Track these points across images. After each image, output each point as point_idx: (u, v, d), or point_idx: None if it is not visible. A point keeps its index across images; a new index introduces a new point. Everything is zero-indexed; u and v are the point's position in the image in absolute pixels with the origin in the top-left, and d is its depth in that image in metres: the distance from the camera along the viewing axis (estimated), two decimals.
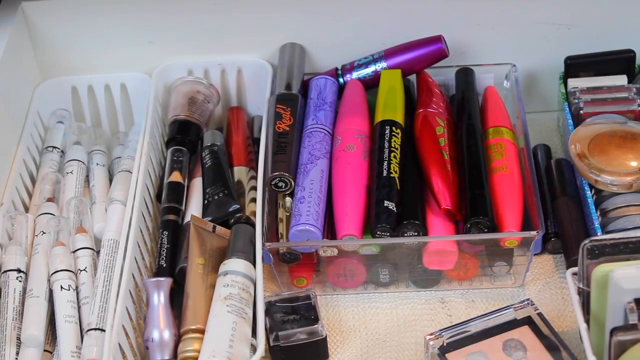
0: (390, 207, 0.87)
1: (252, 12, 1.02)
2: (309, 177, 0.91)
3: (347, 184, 0.90)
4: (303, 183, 0.90)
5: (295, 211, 0.89)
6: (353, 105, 0.97)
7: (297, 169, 0.92)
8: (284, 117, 0.94)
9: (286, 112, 0.95)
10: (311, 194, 0.89)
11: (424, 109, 0.95)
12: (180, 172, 0.95)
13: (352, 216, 0.88)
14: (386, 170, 0.90)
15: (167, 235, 0.91)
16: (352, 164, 0.91)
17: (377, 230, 0.87)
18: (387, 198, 0.88)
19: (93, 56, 1.05)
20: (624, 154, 0.89)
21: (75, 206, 0.94)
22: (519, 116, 0.95)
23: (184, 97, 1.01)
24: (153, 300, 0.84)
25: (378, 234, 0.87)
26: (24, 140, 1.00)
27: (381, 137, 0.92)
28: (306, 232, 0.87)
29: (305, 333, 0.84)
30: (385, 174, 0.89)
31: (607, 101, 0.96)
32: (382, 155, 0.91)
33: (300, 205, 0.89)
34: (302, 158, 0.93)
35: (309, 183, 0.90)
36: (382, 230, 0.87)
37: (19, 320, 0.85)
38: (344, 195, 0.89)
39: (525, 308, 0.83)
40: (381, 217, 0.87)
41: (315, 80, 1.00)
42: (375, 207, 0.88)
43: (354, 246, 0.87)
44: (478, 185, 0.89)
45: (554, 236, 0.93)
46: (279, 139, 0.92)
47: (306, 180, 0.90)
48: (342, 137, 0.94)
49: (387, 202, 0.87)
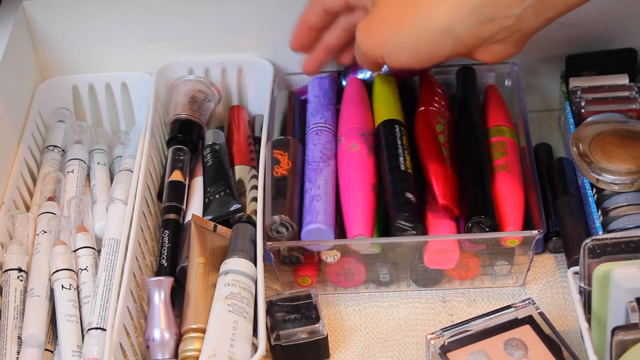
0: (411, 198, 0.86)
1: (253, 11, 1.02)
2: (322, 175, 0.90)
3: (354, 184, 0.89)
4: (317, 180, 0.90)
5: (310, 208, 0.88)
6: (354, 103, 0.97)
7: (304, 167, 0.92)
8: (282, 162, 0.92)
9: (284, 156, 0.92)
10: (326, 192, 0.89)
11: (425, 107, 0.95)
12: (181, 171, 0.95)
13: (362, 216, 0.87)
14: (403, 165, 0.89)
15: (168, 235, 0.91)
16: (357, 163, 0.91)
17: (399, 220, 0.86)
18: (408, 190, 0.87)
19: (94, 55, 1.05)
20: (626, 153, 0.89)
21: (76, 205, 0.94)
22: (520, 115, 0.95)
23: (185, 96, 1.01)
24: (154, 299, 0.84)
25: (401, 224, 0.86)
26: (25, 139, 1.00)
27: (391, 134, 0.92)
28: (320, 231, 0.87)
29: (306, 332, 0.84)
30: (402, 168, 0.89)
31: (608, 100, 0.96)
32: (396, 150, 0.90)
33: (316, 203, 0.88)
34: (314, 155, 0.92)
35: (323, 181, 0.90)
36: (404, 219, 0.86)
37: (19, 319, 0.85)
38: (352, 195, 0.89)
39: (526, 307, 0.83)
40: (402, 208, 0.86)
41: (319, 79, 1.00)
42: (394, 199, 0.87)
43: (365, 246, 0.87)
44: (479, 184, 0.89)
45: (555, 235, 0.93)
46: (277, 184, 0.90)
47: (320, 179, 0.90)
48: (344, 137, 0.94)
49: (407, 193, 0.87)
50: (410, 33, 0.80)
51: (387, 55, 0.83)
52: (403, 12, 0.81)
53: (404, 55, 0.82)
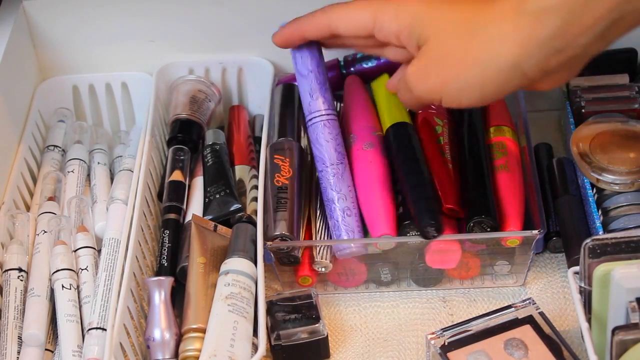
0: (435, 207, 0.86)
1: (253, 11, 1.02)
2: (345, 181, 0.88)
3: (375, 183, 0.88)
4: (342, 189, 0.87)
5: (344, 225, 0.86)
6: (363, 101, 0.95)
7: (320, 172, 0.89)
8: (283, 170, 0.90)
9: (285, 163, 0.91)
10: (354, 203, 0.87)
11: (424, 109, 0.95)
12: (181, 171, 0.95)
13: (385, 215, 0.87)
14: (425, 170, 0.88)
15: (168, 234, 0.91)
16: (375, 162, 0.90)
17: (427, 227, 0.84)
18: (431, 196, 0.86)
19: (94, 55, 1.05)
20: (626, 152, 0.89)
21: (76, 205, 0.94)
22: (520, 115, 0.95)
23: (185, 96, 1.01)
24: (154, 299, 0.84)
25: (429, 232, 0.84)
26: (25, 139, 1.00)
27: (406, 137, 0.90)
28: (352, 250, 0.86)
29: (307, 332, 0.84)
30: (425, 174, 0.87)
31: (608, 100, 0.96)
32: (414, 154, 0.89)
33: (348, 219, 0.86)
34: (329, 155, 0.89)
35: (347, 189, 0.88)
36: (433, 227, 0.84)
37: (20, 319, 0.85)
38: (374, 195, 0.88)
39: (526, 307, 0.83)
40: (430, 215, 0.84)
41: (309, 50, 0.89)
42: (418, 204, 0.85)
43: (390, 245, 0.86)
44: (480, 184, 0.89)
45: (556, 235, 0.93)
46: (278, 194, 0.89)
47: (344, 186, 0.88)
48: (357, 135, 0.92)
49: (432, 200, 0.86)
50: (475, 73, 0.75)
51: (446, 97, 0.78)
52: (463, 51, 0.75)
53: (466, 96, 0.77)
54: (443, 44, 0.77)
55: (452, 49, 0.76)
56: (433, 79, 0.78)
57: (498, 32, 0.73)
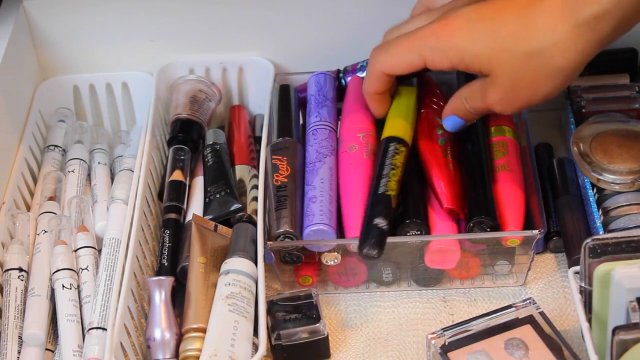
0: (381, 226, 0.84)
1: (253, 11, 1.02)
2: (318, 175, 0.90)
3: (353, 185, 0.89)
4: (313, 182, 0.90)
5: (307, 211, 0.88)
6: (354, 103, 0.96)
7: (304, 168, 0.92)
8: (281, 169, 0.91)
9: (283, 162, 0.92)
10: (322, 192, 0.89)
11: (424, 110, 0.95)
12: (181, 171, 0.95)
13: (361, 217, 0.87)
14: (383, 187, 0.86)
15: (168, 234, 0.91)
16: (355, 164, 0.91)
17: (365, 247, 0.83)
18: (379, 215, 0.84)
19: (94, 55, 1.05)
20: (626, 152, 0.89)
21: (76, 205, 0.94)
22: (521, 115, 0.95)
23: (185, 96, 1.01)
24: (155, 299, 0.84)
25: (365, 252, 0.83)
26: (26, 139, 1.00)
27: (384, 154, 0.89)
28: (320, 232, 0.87)
29: (307, 332, 0.84)
30: (381, 191, 0.86)
31: (609, 100, 0.96)
32: (381, 172, 0.88)
33: (312, 205, 0.88)
34: (310, 156, 0.92)
35: (319, 182, 0.90)
36: (369, 247, 0.82)
37: (20, 319, 0.86)
38: (351, 196, 0.88)
39: (527, 307, 0.83)
40: (370, 234, 0.83)
41: (315, 76, 0.99)
42: (366, 223, 0.84)
43: None
44: (480, 184, 0.89)
45: (556, 235, 0.93)
46: (278, 193, 0.89)
47: (316, 179, 0.90)
48: (344, 137, 0.93)
49: (377, 220, 0.84)
50: (548, 86, 0.81)
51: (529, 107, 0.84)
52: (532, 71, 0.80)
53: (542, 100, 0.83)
54: (510, 74, 0.81)
55: (520, 75, 0.81)
56: (517, 103, 0.83)
57: (557, 47, 0.78)
